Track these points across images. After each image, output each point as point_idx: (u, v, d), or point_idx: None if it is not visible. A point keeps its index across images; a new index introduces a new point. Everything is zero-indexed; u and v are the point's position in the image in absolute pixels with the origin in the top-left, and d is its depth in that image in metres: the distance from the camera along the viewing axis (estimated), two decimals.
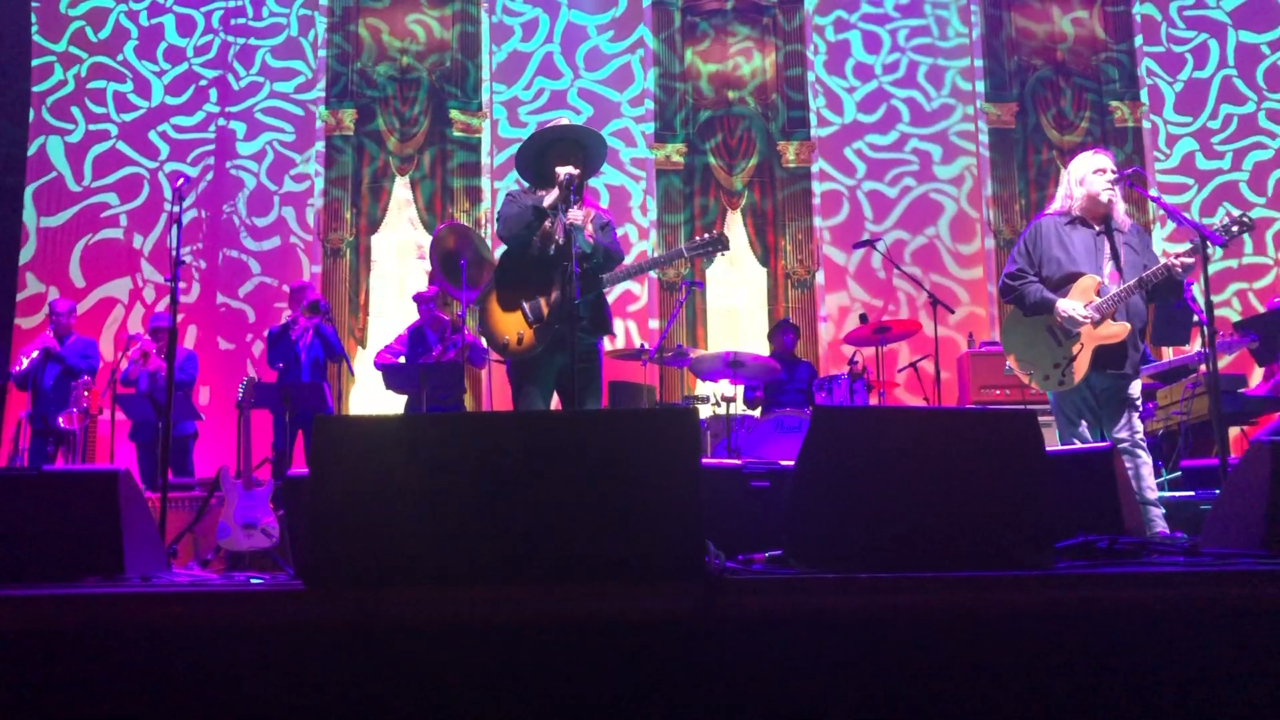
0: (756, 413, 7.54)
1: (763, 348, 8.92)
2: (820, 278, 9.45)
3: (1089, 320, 4.28)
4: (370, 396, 8.58)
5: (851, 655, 2.07)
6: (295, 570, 3.86)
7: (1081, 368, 4.30)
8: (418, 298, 7.55)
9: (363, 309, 9.16)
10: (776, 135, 9.62)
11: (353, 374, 8.21)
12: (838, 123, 9.68)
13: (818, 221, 9.55)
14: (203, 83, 9.38)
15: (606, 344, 4.76)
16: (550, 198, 4.40)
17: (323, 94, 9.42)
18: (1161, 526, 4.10)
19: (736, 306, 9.55)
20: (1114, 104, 9.63)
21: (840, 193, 9.62)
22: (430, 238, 9.20)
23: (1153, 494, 4.22)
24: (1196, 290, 4.43)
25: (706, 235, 4.63)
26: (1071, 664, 2.13)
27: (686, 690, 2.01)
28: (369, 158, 9.36)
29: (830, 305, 9.36)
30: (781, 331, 8.21)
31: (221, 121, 9.35)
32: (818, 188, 9.58)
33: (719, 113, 9.65)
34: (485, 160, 9.49)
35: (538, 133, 4.66)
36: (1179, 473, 6.06)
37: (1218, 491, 3.90)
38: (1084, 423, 4.40)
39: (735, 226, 9.55)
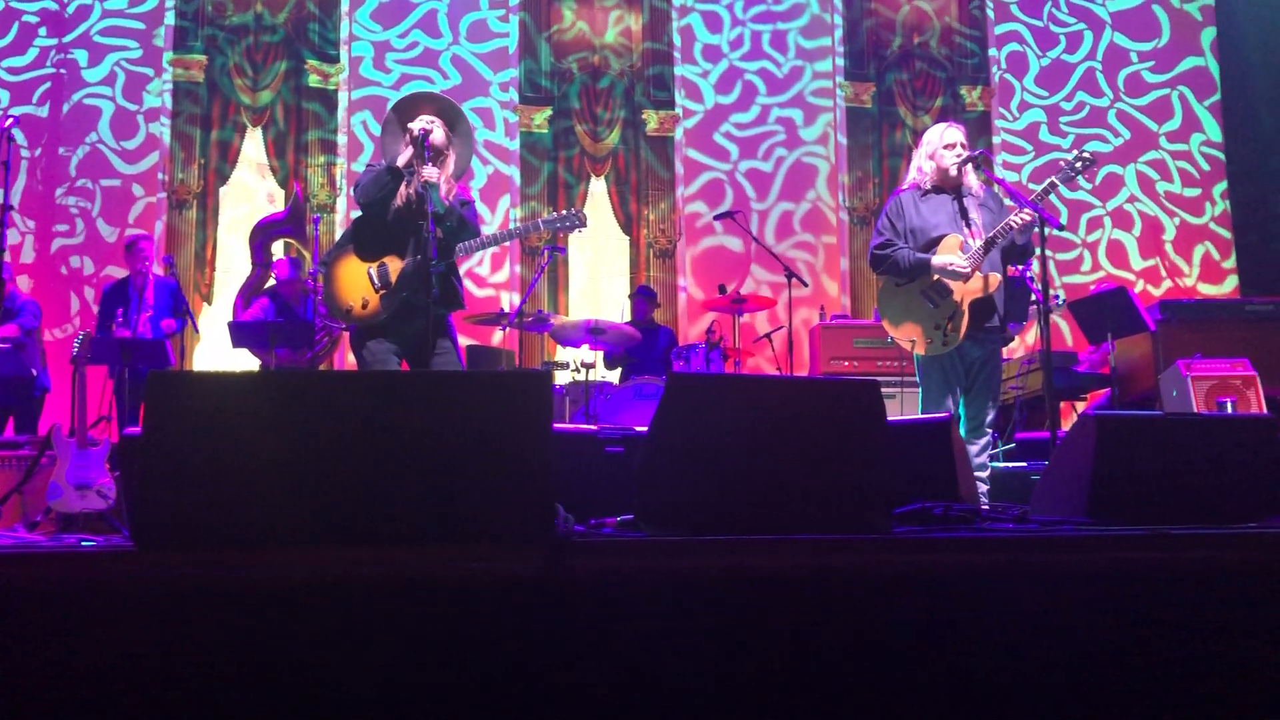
0: (615, 379, 7.57)
1: (624, 315, 8.98)
2: (682, 247, 9.53)
3: (966, 269, 4.43)
4: (216, 355, 8.29)
5: (697, 616, 2.11)
6: (130, 532, 3.71)
7: (961, 324, 4.45)
8: (280, 280, 7.30)
9: (209, 264, 8.81)
10: (641, 104, 9.62)
11: (197, 331, 7.90)
12: (700, 110, 9.76)
13: (680, 192, 9.62)
14: (28, 18, 8.81)
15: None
16: (404, 156, 4.32)
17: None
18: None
19: (598, 274, 9.55)
20: (965, 87, 9.99)
21: (721, 180, 9.71)
22: (283, 191, 8.94)
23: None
24: (1036, 265, 4.63)
25: (565, 211, 4.66)
26: (906, 623, 2.21)
27: (532, 651, 2.01)
28: (218, 106, 8.98)
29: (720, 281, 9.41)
30: (637, 298, 8.27)
31: (56, 56, 8.83)
32: (685, 190, 9.63)
33: (586, 74, 9.58)
34: (342, 97, 9.23)
35: (400, 104, 4.57)
36: (1013, 444, 6.36)
37: (1048, 462, 4.11)
38: (950, 396, 4.54)
39: (598, 195, 9.54)
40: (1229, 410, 6.03)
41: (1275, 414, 6.51)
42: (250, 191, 9.06)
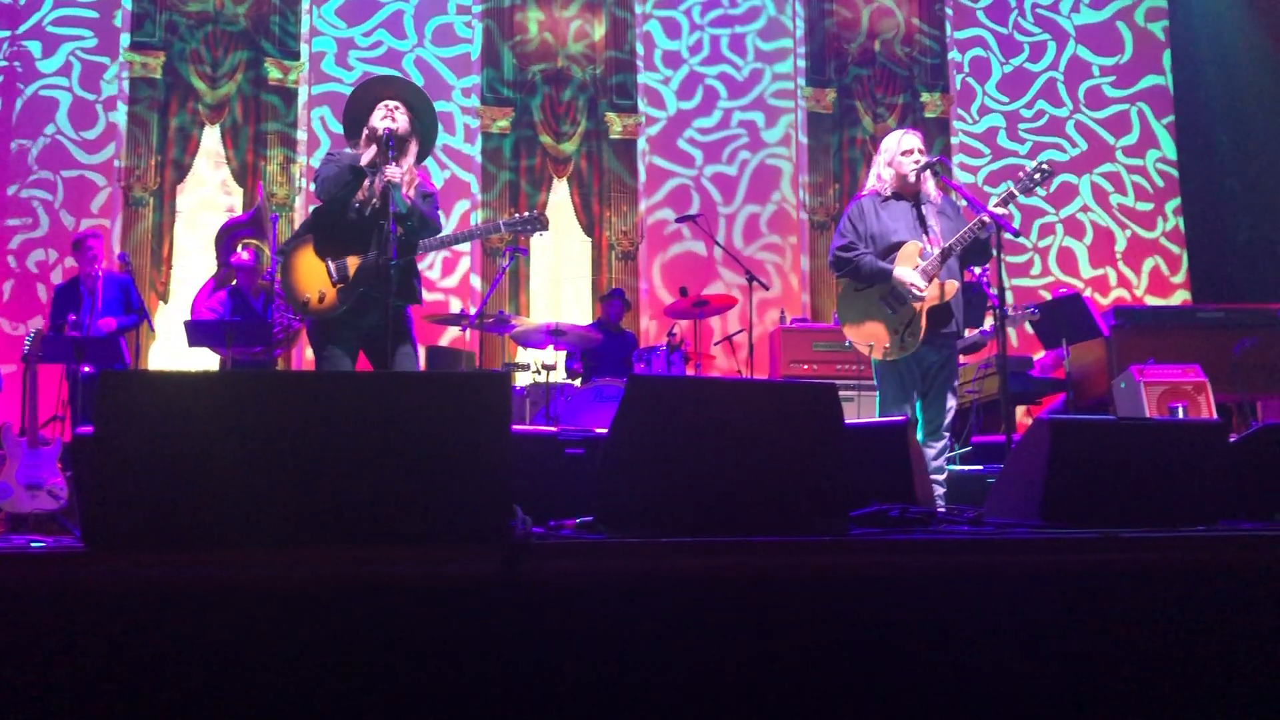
0: (577, 382, 7.57)
1: (585, 317, 8.97)
2: (650, 252, 9.54)
3: (923, 294, 4.48)
4: (172, 354, 8.19)
5: (655, 618, 2.11)
6: (81, 533, 3.65)
7: (919, 330, 4.49)
8: (237, 264, 7.25)
9: (165, 262, 8.69)
10: (604, 107, 9.63)
11: (153, 330, 7.80)
12: (663, 116, 9.77)
13: (644, 201, 9.64)
14: None
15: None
16: (367, 155, 4.29)
17: None
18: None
19: (560, 276, 9.54)
20: (925, 94, 10.09)
21: (687, 185, 9.72)
22: (241, 189, 8.85)
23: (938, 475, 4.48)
24: (1004, 269, 4.69)
25: (526, 213, 4.65)
26: (863, 624, 2.23)
27: (490, 652, 2.00)
28: (176, 102, 8.87)
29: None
30: (609, 301, 8.26)
31: (8, 49, 8.69)
32: (652, 199, 9.63)
33: (549, 81, 9.57)
34: (302, 92, 9.15)
35: (363, 85, 4.54)
36: (969, 448, 6.42)
37: (1003, 466, 4.15)
38: (907, 399, 4.58)
39: (561, 195, 9.52)
40: (1180, 415, 6.12)
41: (1225, 419, 6.64)
42: (207, 189, 8.96)
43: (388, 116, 4.32)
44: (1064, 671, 2.31)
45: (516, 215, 4.71)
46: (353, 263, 4.27)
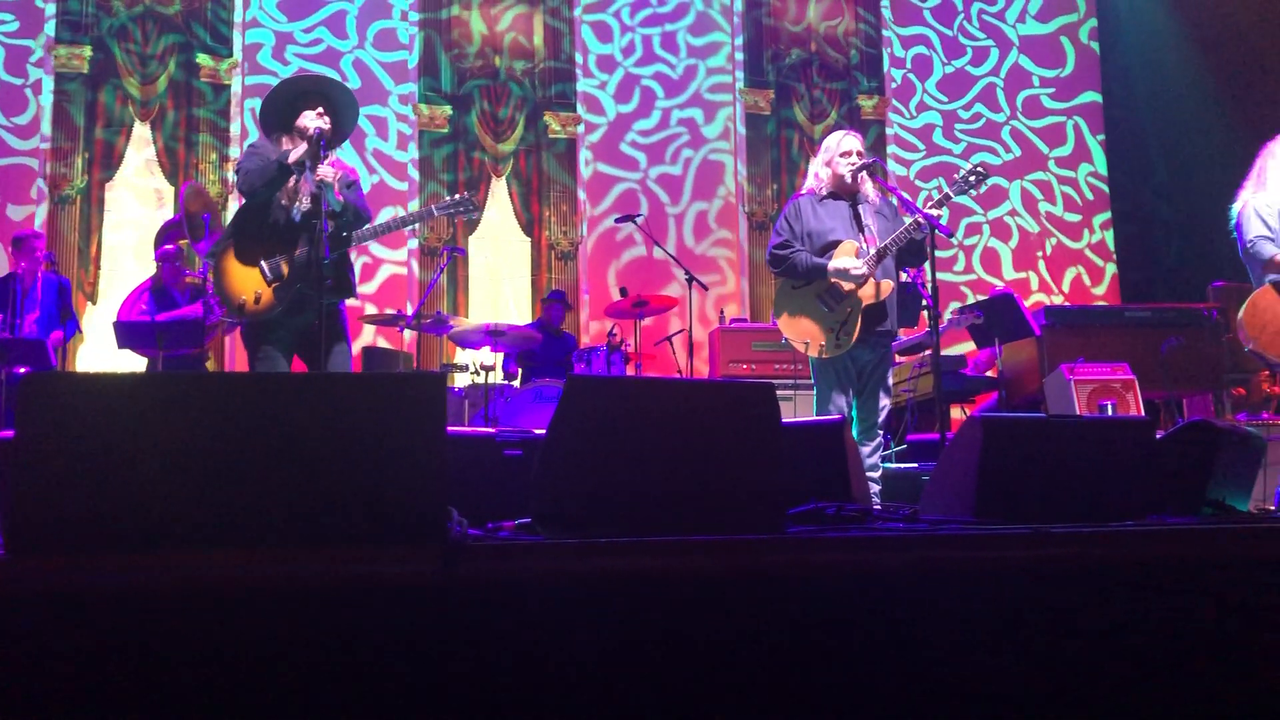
0: (516, 383, 7.53)
1: (525, 317, 8.93)
2: (597, 254, 9.52)
3: (862, 271, 4.52)
4: (100, 356, 8.01)
5: (593, 619, 2.10)
6: (2, 538, 3.55)
7: (855, 328, 4.53)
8: (161, 256, 7.10)
9: (94, 261, 8.49)
10: (543, 105, 9.59)
11: (80, 332, 7.62)
12: (604, 122, 9.76)
13: (593, 208, 9.62)
14: None
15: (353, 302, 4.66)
16: (297, 153, 4.23)
17: None
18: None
19: (499, 275, 9.49)
20: (861, 96, 10.20)
21: (634, 190, 9.70)
22: (172, 188, 8.68)
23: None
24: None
25: (457, 195, 4.64)
26: (801, 621, 2.24)
27: (426, 654, 1.98)
28: (104, 97, 8.66)
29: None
30: (550, 305, 8.23)
31: None
32: (598, 207, 9.60)
33: (486, 79, 9.51)
34: (235, 84, 8.99)
35: (286, 82, 4.49)
36: (905, 446, 6.50)
37: (937, 463, 4.20)
38: (843, 397, 4.63)
39: (500, 195, 9.47)
40: (1109, 412, 6.26)
41: (1153, 416, 6.79)
42: (137, 186, 8.77)
43: (319, 116, 4.28)
44: (997, 665, 2.34)
45: (448, 199, 4.69)
46: (286, 261, 4.20)
